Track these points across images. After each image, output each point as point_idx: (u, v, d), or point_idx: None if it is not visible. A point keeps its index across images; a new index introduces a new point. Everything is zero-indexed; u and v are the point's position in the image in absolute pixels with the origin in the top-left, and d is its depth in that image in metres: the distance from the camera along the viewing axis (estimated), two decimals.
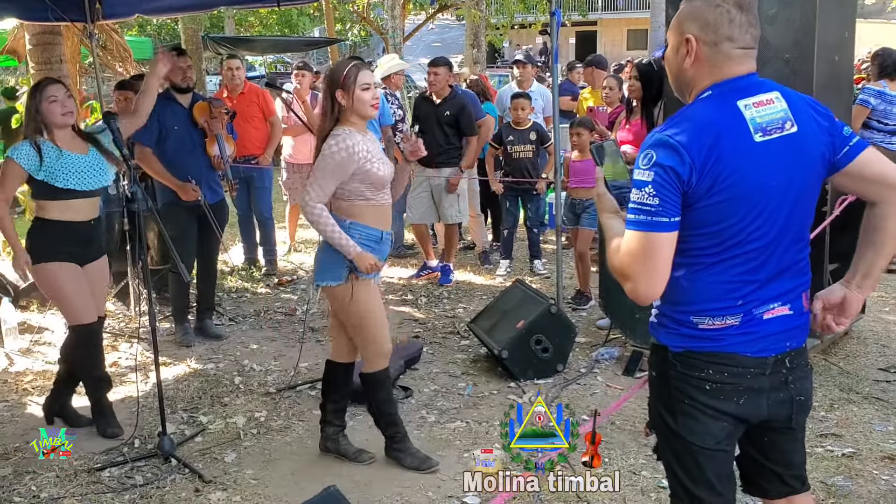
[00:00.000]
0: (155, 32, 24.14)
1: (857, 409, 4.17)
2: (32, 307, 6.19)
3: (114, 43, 8.58)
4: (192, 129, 5.36)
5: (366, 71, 3.48)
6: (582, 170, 6.04)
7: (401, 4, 21.29)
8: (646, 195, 1.91)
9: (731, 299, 1.98)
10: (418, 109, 6.74)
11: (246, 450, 3.94)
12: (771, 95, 1.98)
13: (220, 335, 5.64)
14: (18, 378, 4.95)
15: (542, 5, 21.55)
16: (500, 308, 5.18)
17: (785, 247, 2.00)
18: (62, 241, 3.96)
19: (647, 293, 1.96)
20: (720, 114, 1.94)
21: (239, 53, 15.27)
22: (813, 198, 2.04)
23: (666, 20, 4.66)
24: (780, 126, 1.95)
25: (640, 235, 1.92)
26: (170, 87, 5.35)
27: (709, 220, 1.93)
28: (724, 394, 2.02)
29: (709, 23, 1.96)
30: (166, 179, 5.24)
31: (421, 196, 6.80)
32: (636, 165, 1.95)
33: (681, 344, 2.04)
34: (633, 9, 37.04)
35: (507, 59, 30.97)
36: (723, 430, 2.05)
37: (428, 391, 4.61)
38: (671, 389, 2.07)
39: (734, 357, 2.00)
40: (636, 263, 1.94)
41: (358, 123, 3.48)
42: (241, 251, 7.56)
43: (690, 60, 2.00)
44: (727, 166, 1.89)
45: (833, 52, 4.62)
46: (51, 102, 3.92)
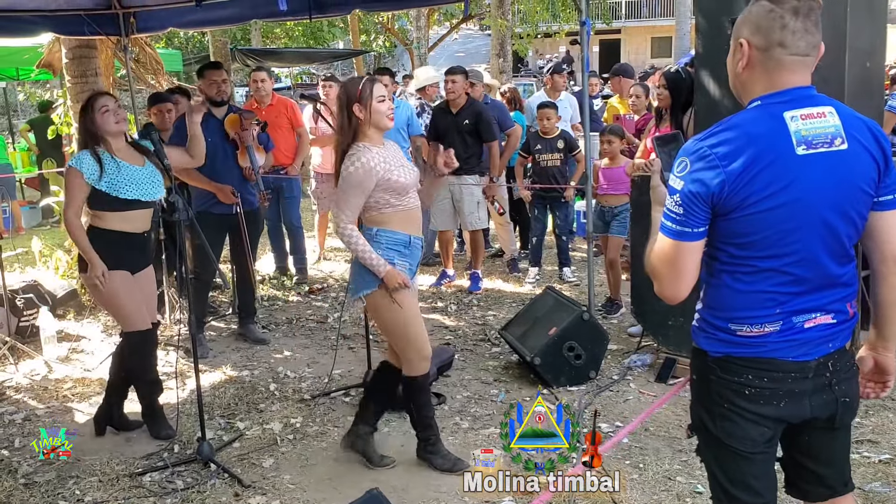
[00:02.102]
0: (183, 45, 24.41)
1: (893, 415, 4.15)
2: (69, 316, 6.30)
3: (146, 56, 8.69)
4: (226, 142, 5.46)
5: (379, 84, 3.57)
6: (611, 177, 6.06)
7: (425, 15, 21.40)
8: (674, 203, 1.94)
9: (768, 308, 1.98)
10: (437, 120, 6.78)
11: (283, 455, 4.00)
12: (824, 109, 1.95)
13: (265, 340, 5.76)
14: (58, 385, 5.05)
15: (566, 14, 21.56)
16: (531, 315, 5.21)
17: (824, 262, 1.98)
18: (118, 250, 4.06)
19: (672, 295, 2.01)
20: (764, 125, 1.92)
21: (266, 65, 15.45)
22: (858, 216, 2.00)
23: (696, 27, 4.67)
24: (829, 141, 1.92)
25: (668, 241, 1.97)
26: (206, 100, 5.44)
27: (745, 231, 1.93)
28: (764, 398, 2.02)
29: (761, 28, 1.95)
30: (205, 184, 5.34)
31: (443, 203, 6.86)
32: (671, 169, 1.97)
33: (720, 349, 2.05)
34: (656, 17, 36.98)
35: (531, 69, 31.03)
36: (762, 434, 2.06)
37: (461, 398, 4.64)
38: (711, 393, 2.09)
39: (773, 362, 2.00)
40: (664, 266, 2.00)
41: (375, 136, 3.56)
42: (272, 260, 7.65)
43: (743, 64, 2.00)
44: (763, 179, 1.88)
45: (864, 58, 4.61)
46: (104, 113, 4.03)
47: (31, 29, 6.52)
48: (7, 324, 5.69)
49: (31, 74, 12.40)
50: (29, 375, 5.22)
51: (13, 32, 6.62)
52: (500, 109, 7.33)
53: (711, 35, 4.40)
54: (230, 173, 5.45)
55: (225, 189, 5.35)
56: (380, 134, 3.58)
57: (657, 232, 2.04)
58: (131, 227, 4.09)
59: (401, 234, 3.57)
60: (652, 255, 2.03)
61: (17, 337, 5.66)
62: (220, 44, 15.91)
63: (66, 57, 7.21)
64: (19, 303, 5.85)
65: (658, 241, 2.01)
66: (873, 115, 4.91)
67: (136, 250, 4.15)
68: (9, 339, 5.50)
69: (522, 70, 30.02)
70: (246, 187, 5.58)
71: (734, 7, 4.22)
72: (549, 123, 6.80)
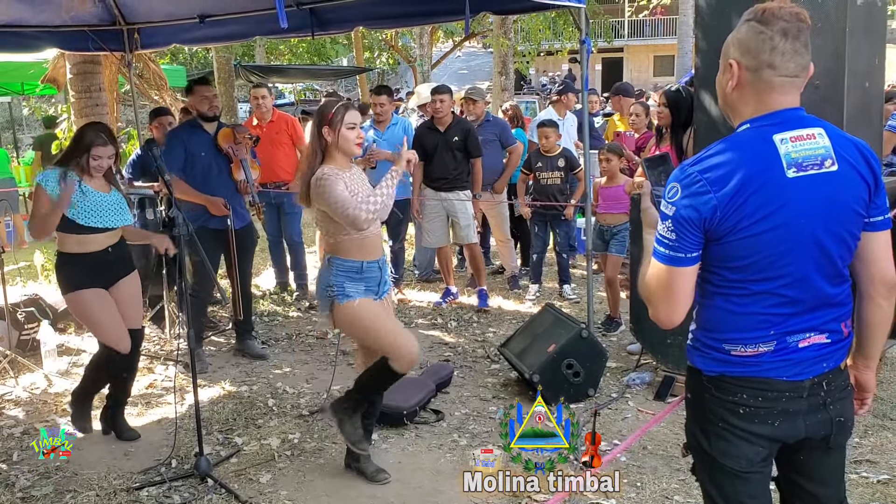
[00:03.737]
0: (187, 60, 24.55)
1: (892, 435, 4.14)
2: (70, 329, 6.31)
3: (150, 72, 8.78)
4: (218, 156, 5.48)
5: (353, 111, 3.64)
6: (610, 195, 6.08)
7: (429, 33, 21.51)
8: (666, 229, 1.94)
9: (762, 329, 1.98)
10: (423, 139, 6.76)
11: (280, 471, 3.99)
12: (813, 131, 1.95)
13: (264, 355, 5.77)
14: (58, 399, 5.05)
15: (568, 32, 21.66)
16: (530, 332, 5.21)
17: (819, 282, 1.98)
18: (84, 270, 4.21)
19: (667, 319, 2.01)
20: (753, 149, 1.93)
21: (270, 81, 15.54)
22: (851, 236, 2.00)
23: (695, 47, 4.70)
24: (819, 163, 1.92)
25: (661, 266, 1.97)
26: (197, 116, 5.49)
27: (737, 255, 1.93)
28: (759, 417, 2.02)
29: (750, 49, 1.96)
30: (194, 197, 5.36)
31: (435, 220, 6.88)
32: (663, 195, 1.97)
33: (714, 368, 2.05)
34: (659, 35, 37.17)
35: (533, 86, 31.14)
36: (757, 453, 2.06)
37: (459, 414, 4.64)
38: (705, 412, 2.09)
39: (768, 382, 2.00)
40: (658, 291, 1.99)
41: (341, 160, 3.63)
42: (272, 275, 7.67)
43: (733, 85, 2.01)
44: (755, 202, 1.88)
45: (863, 79, 4.63)
46: (94, 159, 4.16)
47: (36, 44, 6.59)
48: (8, 337, 5.70)
49: (35, 89, 12.46)
50: (29, 389, 5.23)
51: (19, 48, 6.69)
52: (502, 127, 7.37)
53: (711, 54, 4.42)
54: (224, 187, 5.48)
55: (216, 201, 5.36)
56: (346, 159, 3.67)
57: (650, 255, 2.04)
58: (92, 249, 4.22)
59: (353, 262, 3.64)
60: (646, 281, 2.03)
61: (17, 350, 5.67)
62: (224, 60, 16.02)
63: (71, 72, 7.29)
64: (20, 316, 5.87)
65: (652, 267, 2.01)
66: (873, 135, 4.93)
67: (104, 265, 4.27)
68: (9, 353, 5.50)
69: (525, 88, 30.13)
70: (238, 202, 5.60)
71: (734, 27, 4.26)
72: (548, 142, 6.82)
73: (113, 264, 4.31)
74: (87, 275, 4.20)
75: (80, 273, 4.20)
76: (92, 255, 4.21)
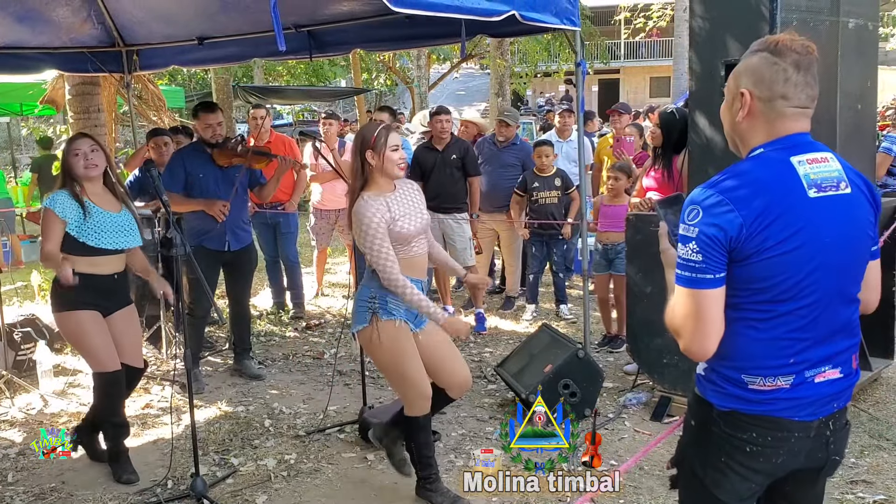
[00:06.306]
0: (186, 81, 24.64)
1: (888, 455, 4.14)
2: (67, 350, 6.30)
3: (149, 93, 8.82)
4: (218, 177, 5.48)
5: (395, 134, 3.62)
6: (613, 214, 6.10)
7: (426, 54, 21.65)
8: (690, 251, 1.90)
9: (783, 357, 1.95)
10: (421, 158, 6.80)
11: (276, 492, 3.98)
12: (826, 154, 1.97)
13: (261, 375, 5.75)
14: (54, 419, 5.04)
15: (564, 54, 21.82)
16: (527, 352, 5.22)
17: (837, 305, 1.97)
18: (85, 292, 4.00)
19: (699, 350, 1.95)
20: (773, 170, 1.92)
21: (268, 102, 15.60)
22: (864, 258, 2.03)
23: (689, 69, 4.74)
24: (835, 185, 1.94)
25: (687, 292, 1.92)
26: (200, 140, 5.51)
27: (761, 276, 1.90)
28: (764, 456, 1.99)
29: (764, 79, 1.95)
30: (193, 205, 5.35)
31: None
32: (681, 219, 1.94)
33: (727, 404, 2.01)
34: (655, 57, 37.44)
35: (530, 107, 31.30)
36: (749, 489, 2.05)
37: (456, 435, 4.63)
38: (710, 444, 2.05)
39: (780, 422, 1.97)
40: (687, 321, 1.93)
41: (384, 184, 3.59)
42: (269, 295, 7.67)
43: (743, 114, 2.00)
44: (779, 223, 1.87)
45: (856, 101, 4.68)
46: (74, 156, 4.02)
47: (35, 66, 6.63)
48: (4, 357, 5.69)
49: (34, 110, 12.53)
50: (25, 409, 5.21)
51: (18, 69, 6.72)
52: (527, 153, 7.36)
53: (705, 77, 4.47)
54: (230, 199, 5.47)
55: (214, 203, 5.33)
56: (390, 182, 3.62)
57: (674, 292, 1.98)
58: (100, 271, 4.06)
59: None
60: (673, 313, 1.97)
61: (13, 371, 5.66)
62: (223, 81, 16.08)
63: (70, 93, 7.32)
64: (17, 337, 5.86)
65: (677, 295, 1.95)
66: (865, 157, 4.99)
67: (106, 292, 4.10)
68: (5, 373, 5.49)
69: (522, 108, 30.30)
70: (239, 223, 5.60)
71: (728, 50, 4.30)
72: (545, 161, 6.86)
73: (115, 293, 4.15)
74: (88, 297, 4.01)
75: (82, 294, 3.98)
76: (98, 279, 4.03)
